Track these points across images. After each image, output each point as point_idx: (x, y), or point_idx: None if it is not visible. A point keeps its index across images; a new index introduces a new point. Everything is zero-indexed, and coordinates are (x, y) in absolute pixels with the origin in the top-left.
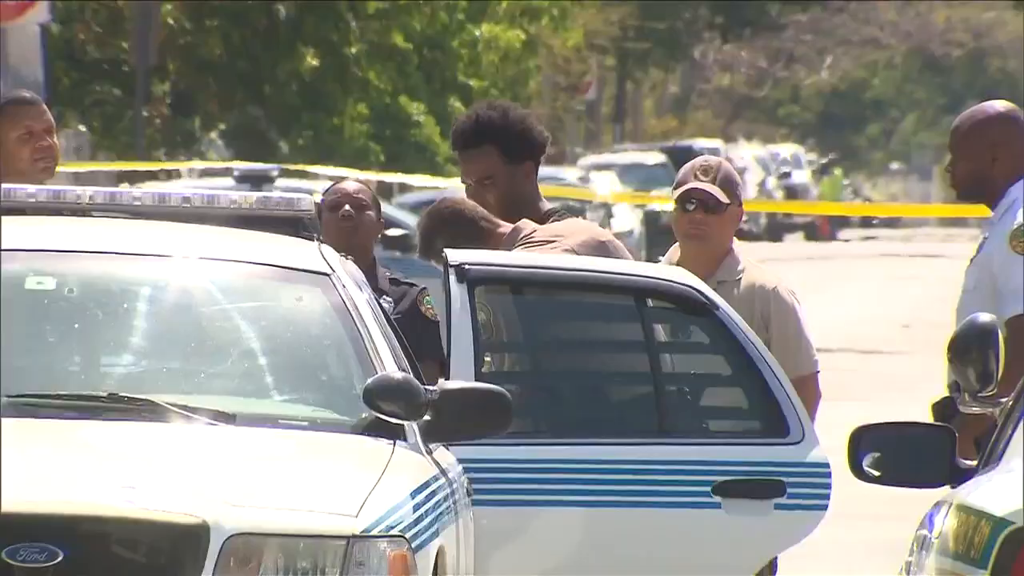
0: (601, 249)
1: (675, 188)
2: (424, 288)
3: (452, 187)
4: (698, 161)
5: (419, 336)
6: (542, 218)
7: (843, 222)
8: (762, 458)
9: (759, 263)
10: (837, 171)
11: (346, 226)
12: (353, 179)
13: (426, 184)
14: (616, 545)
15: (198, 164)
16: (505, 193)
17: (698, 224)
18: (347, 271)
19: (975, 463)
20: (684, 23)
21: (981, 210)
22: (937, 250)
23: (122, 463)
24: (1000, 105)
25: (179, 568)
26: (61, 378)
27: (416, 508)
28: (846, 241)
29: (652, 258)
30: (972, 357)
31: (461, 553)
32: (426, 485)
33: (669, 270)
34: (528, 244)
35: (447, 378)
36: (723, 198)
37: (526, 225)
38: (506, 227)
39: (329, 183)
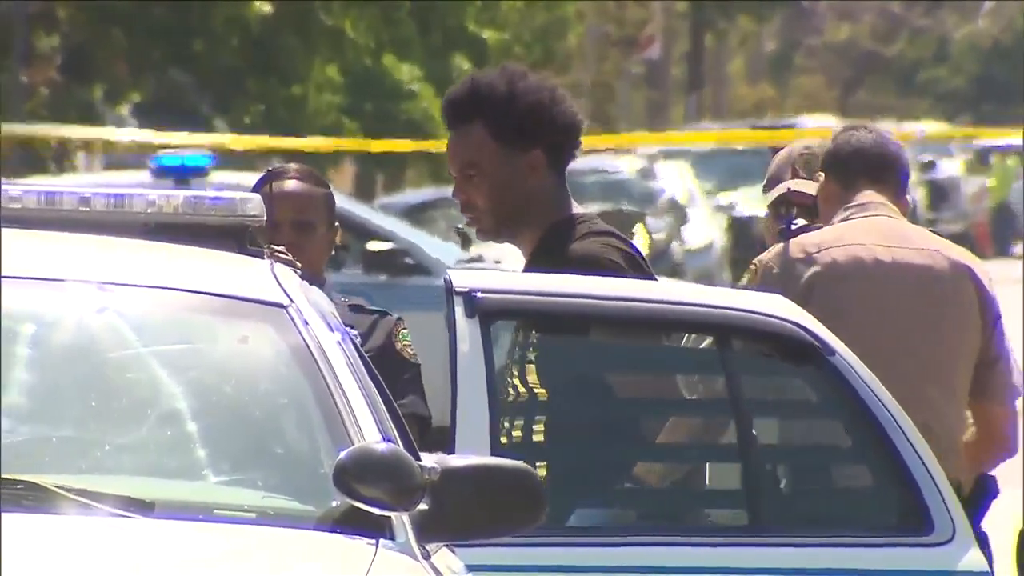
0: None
1: (767, 187)
2: (400, 319)
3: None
4: (798, 148)
5: (394, 384)
6: (565, 226)
7: (1016, 231)
8: (897, 565)
9: None
10: (1011, 160)
11: (285, 243)
12: (294, 169)
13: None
14: None
15: (112, 137)
16: (494, 186)
17: None
18: (311, 301)
19: None
20: None
21: None
22: None
23: None
24: None
25: None
26: None
27: None
28: (1018, 258)
29: (739, 281)
30: None
31: None
32: None
33: (763, 299)
34: None
35: (451, 449)
36: None
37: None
38: None
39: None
